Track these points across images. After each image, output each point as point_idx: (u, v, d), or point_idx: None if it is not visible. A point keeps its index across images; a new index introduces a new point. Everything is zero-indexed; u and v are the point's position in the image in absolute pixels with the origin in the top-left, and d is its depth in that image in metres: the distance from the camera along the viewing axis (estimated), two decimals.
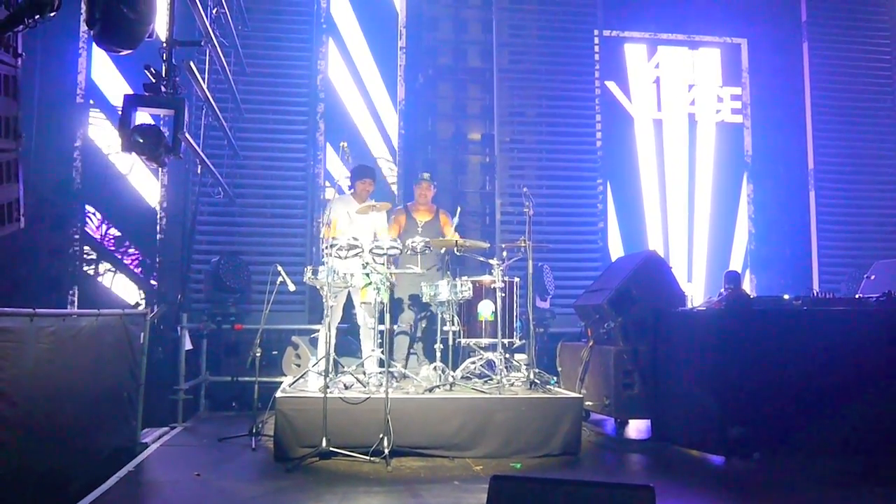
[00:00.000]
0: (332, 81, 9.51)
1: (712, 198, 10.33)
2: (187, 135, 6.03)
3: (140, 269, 8.53)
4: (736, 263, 10.09)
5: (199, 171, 8.47)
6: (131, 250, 8.50)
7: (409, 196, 9.03)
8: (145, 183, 8.71)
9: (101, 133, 8.35)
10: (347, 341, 7.54)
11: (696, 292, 9.66)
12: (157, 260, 8.59)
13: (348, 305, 7.16)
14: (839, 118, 10.41)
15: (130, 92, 5.54)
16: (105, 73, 8.37)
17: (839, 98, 10.45)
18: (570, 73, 10.10)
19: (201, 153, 7.54)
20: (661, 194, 10.25)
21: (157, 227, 8.68)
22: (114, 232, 8.40)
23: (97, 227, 8.35)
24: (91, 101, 8.38)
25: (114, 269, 8.38)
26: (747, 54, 10.56)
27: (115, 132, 5.41)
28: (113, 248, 8.38)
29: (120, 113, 5.29)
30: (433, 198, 7.55)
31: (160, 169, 8.22)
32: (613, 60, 10.32)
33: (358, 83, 9.61)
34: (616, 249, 9.90)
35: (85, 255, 8.21)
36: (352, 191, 7.24)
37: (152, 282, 8.52)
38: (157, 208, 8.69)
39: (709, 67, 10.54)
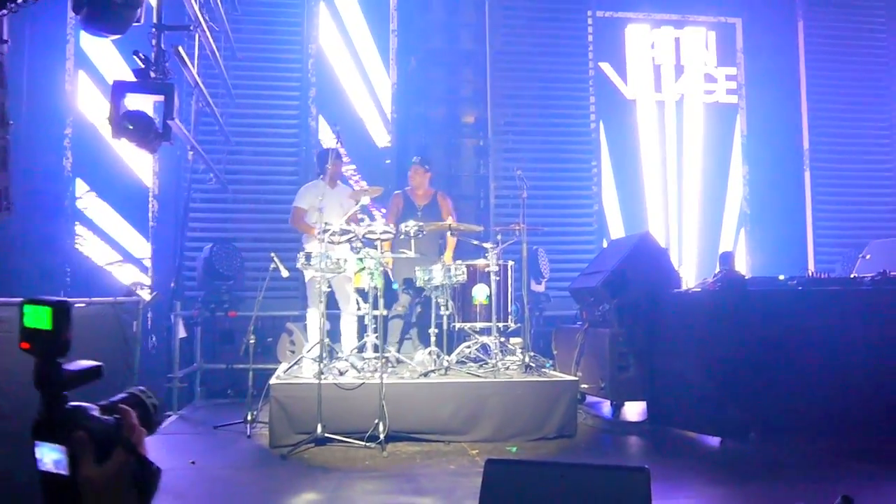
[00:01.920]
0: (328, 59, 9.41)
1: (705, 179, 10.29)
2: (178, 121, 5.98)
3: (134, 256, 8.49)
4: (726, 244, 10.07)
5: (190, 158, 8.43)
6: (123, 238, 8.45)
7: (402, 181, 8.97)
8: (139, 166, 8.63)
9: (94, 110, 8.25)
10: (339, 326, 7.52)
11: (688, 275, 9.64)
12: (150, 247, 8.56)
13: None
14: (834, 97, 10.41)
15: (123, 63, 5.49)
16: (97, 47, 8.25)
17: (834, 77, 10.43)
18: (564, 54, 10.07)
19: (192, 139, 7.50)
20: (662, 176, 10.20)
21: (150, 214, 8.64)
22: (107, 217, 8.34)
23: (90, 211, 8.29)
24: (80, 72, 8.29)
25: (106, 255, 8.33)
26: (742, 34, 10.50)
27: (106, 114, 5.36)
28: (104, 235, 8.33)
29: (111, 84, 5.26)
30: (431, 181, 7.52)
31: (152, 155, 8.19)
32: (607, 41, 10.25)
33: (355, 59, 9.50)
34: (618, 232, 9.87)
35: (78, 242, 8.16)
36: (322, 176, 7.05)
37: (145, 262, 8.49)
38: (149, 195, 8.64)
39: (703, 47, 10.48)
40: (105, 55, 8.20)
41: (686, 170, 10.27)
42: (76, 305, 4.81)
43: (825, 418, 5.58)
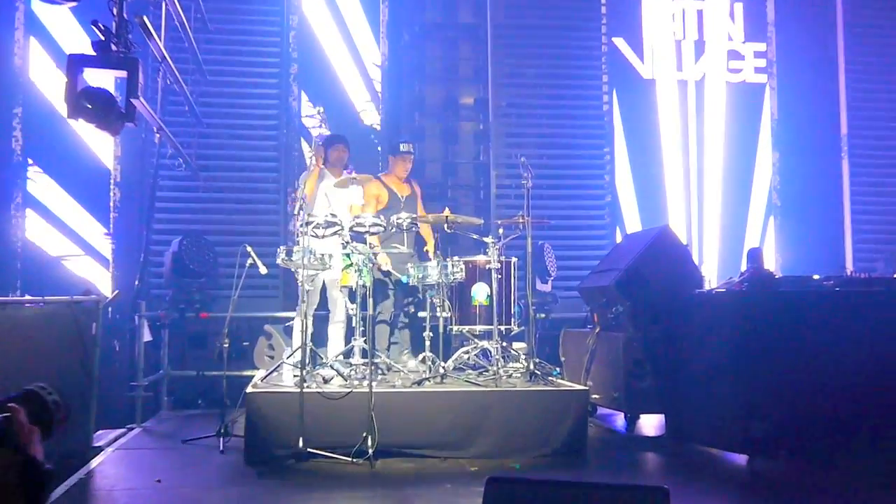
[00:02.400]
0: (312, 32, 9.35)
1: (729, 167, 10.21)
2: (142, 100, 5.95)
3: (94, 249, 8.46)
4: (753, 240, 10.02)
5: (156, 141, 8.39)
6: (81, 228, 8.42)
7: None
8: (100, 149, 8.58)
9: (49, 85, 8.20)
10: (327, 330, 7.50)
11: (711, 273, 9.60)
12: (111, 240, 8.52)
13: (325, 290, 7.14)
14: (876, 77, 10.31)
15: (82, 33, 5.46)
16: (52, 13, 8.19)
17: (876, 54, 10.34)
18: (574, 28, 10.01)
19: (159, 120, 7.45)
20: (683, 163, 10.14)
21: (111, 203, 8.60)
22: (63, 205, 8.30)
23: (44, 199, 8.25)
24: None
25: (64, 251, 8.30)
26: (773, 6, 10.43)
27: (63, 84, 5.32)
28: (60, 225, 8.30)
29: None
30: (420, 169, 7.51)
31: (114, 138, 8.16)
32: (622, 14, 10.18)
33: (342, 32, 9.44)
34: (634, 225, 9.83)
35: (29, 233, 8.12)
36: (325, 164, 7.15)
37: (106, 256, 8.47)
38: (111, 182, 8.60)
39: (728, 20, 10.42)
40: (62, 22, 8.14)
41: (708, 157, 10.22)
42: (28, 305, 4.79)
43: (865, 435, 5.54)
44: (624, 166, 9.99)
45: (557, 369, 6.96)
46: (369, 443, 5.33)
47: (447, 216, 6.65)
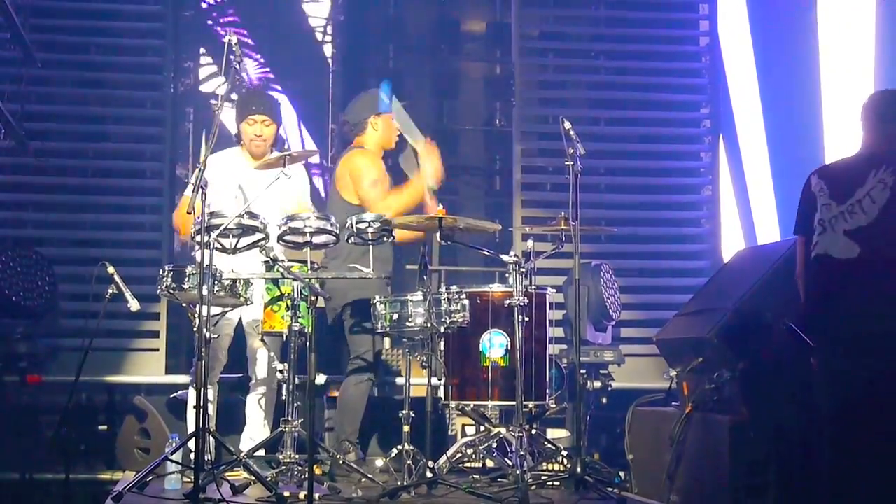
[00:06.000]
0: None
1: None
2: None
3: None
4: None
5: None
6: None
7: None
8: None
9: None
10: (240, 405, 7.49)
11: None
12: None
13: (239, 341, 7.10)
14: None
15: None
16: None
17: None
18: None
19: None
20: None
21: None
22: None
23: None
24: None
25: None
26: None
27: None
28: None
29: None
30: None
31: None
32: None
33: None
34: (767, 232, 9.83)
35: None
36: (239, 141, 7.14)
37: None
38: None
39: None
40: None
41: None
42: None
43: None
44: (749, 133, 9.99)
45: (621, 474, 6.97)
46: None
47: (441, 218, 6.61)
